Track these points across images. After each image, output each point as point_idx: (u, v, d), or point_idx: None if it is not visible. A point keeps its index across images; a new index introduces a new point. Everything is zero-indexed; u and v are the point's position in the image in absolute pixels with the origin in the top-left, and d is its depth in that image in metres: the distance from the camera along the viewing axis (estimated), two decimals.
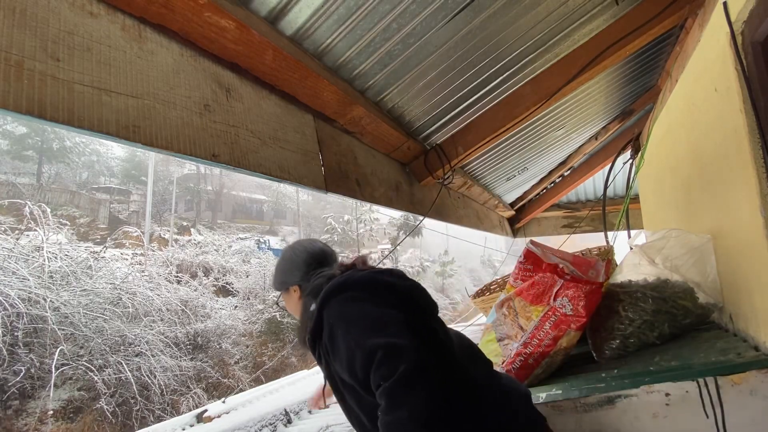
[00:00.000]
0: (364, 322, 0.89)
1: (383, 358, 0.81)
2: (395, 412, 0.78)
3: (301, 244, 1.25)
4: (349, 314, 0.92)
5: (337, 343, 0.90)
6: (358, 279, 0.98)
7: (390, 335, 0.84)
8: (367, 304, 0.93)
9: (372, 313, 0.91)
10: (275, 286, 1.26)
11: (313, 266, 1.17)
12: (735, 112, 1.16)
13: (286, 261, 1.22)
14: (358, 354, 0.84)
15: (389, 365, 0.80)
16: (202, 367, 10.04)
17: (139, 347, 8.69)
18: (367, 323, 0.88)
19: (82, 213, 18.09)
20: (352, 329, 0.88)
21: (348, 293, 0.95)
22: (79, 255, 9.45)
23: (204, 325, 10.91)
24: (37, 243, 8.81)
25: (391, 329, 0.86)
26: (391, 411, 0.79)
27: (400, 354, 0.81)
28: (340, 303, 0.94)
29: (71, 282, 8.63)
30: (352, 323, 0.90)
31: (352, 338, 0.87)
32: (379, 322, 0.88)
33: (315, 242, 1.26)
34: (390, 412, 0.79)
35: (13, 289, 7.37)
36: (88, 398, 8.01)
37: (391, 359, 0.81)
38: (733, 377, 1.08)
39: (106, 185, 22.40)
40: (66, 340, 7.83)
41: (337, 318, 0.92)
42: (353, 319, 0.90)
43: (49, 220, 9.17)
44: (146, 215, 16.12)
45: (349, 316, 0.92)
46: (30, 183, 18.14)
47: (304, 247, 1.22)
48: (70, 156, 20.18)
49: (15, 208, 12.25)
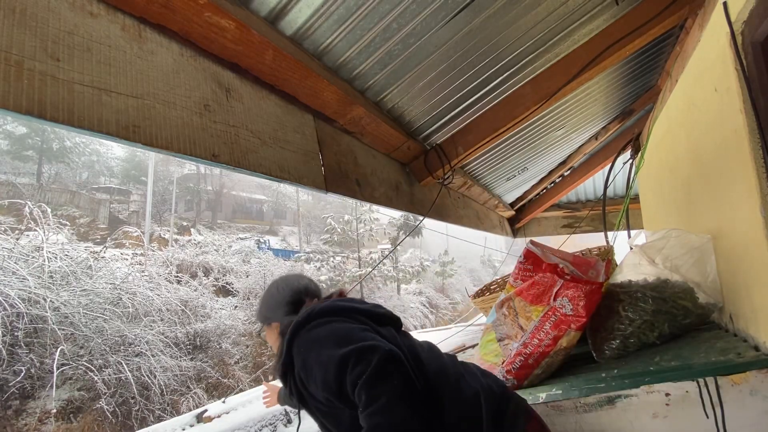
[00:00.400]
0: (333, 339, 0.94)
1: (356, 359, 0.87)
2: (375, 403, 0.82)
3: (286, 281, 1.28)
4: (317, 338, 0.97)
5: (311, 367, 0.94)
6: (320, 308, 1.05)
7: (358, 341, 0.91)
8: (333, 325, 0.99)
9: (338, 330, 0.97)
10: (259, 319, 1.29)
11: (296, 304, 1.20)
12: (735, 112, 1.16)
13: (271, 297, 1.25)
14: (331, 367, 0.89)
15: (363, 362, 0.86)
16: (202, 367, 10.03)
17: (139, 347, 8.68)
18: (336, 339, 0.94)
19: (82, 213, 18.09)
20: (322, 350, 0.94)
21: (313, 322, 1.01)
22: (79, 255, 9.44)
23: (204, 325, 10.90)
24: (37, 243, 8.80)
25: (359, 336, 0.94)
26: (371, 403, 0.82)
27: (372, 350, 0.88)
28: (307, 332, 1.00)
29: (71, 282, 8.62)
30: (321, 344, 0.95)
31: (324, 356, 0.92)
32: (347, 335, 0.95)
33: (301, 279, 1.29)
34: (370, 403, 0.83)
35: (13, 289, 7.37)
36: (88, 398, 8.00)
37: (364, 357, 0.87)
38: (733, 377, 1.08)
39: (106, 185, 22.40)
40: (66, 340, 7.83)
41: (307, 345, 0.98)
42: (322, 340, 0.96)
43: (49, 220, 9.17)
44: (146, 215, 16.12)
45: (317, 339, 0.97)
46: (30, 183, 18.14)
47: (289, 285, 1.25)
48: (70, 156, 20.18)
49: (15, 208, 12.25)
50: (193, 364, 9.83)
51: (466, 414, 0.96)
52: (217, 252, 15.40)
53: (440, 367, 1.04)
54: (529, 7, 1.46)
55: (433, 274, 22.42)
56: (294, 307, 1.19)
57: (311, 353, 0.95)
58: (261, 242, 20.37)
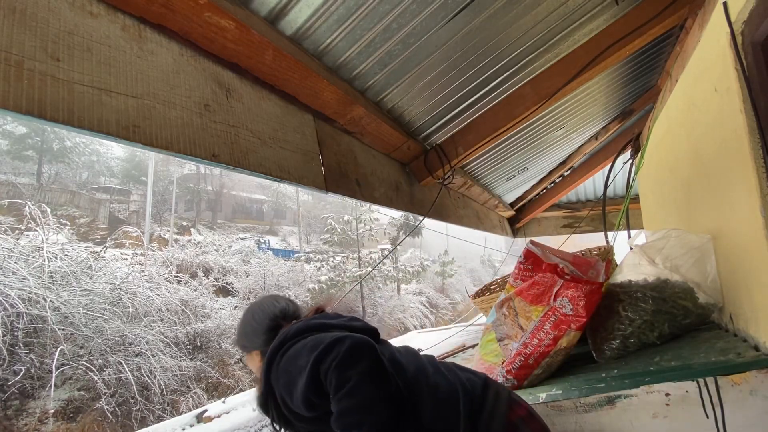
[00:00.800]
0: (306, 350, 0.95)
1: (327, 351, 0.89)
2: (344, 387, 0.83)
3: (262, 307, 1.24)
4: (291, 355, 0.98)
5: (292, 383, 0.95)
6: (294, 330, 1.05)
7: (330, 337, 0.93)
8: (305, 340, 1.00)
9: (310, 341, 0.98)
10: (238, 347, 1.28)
11: (275, 330, 1.17)
12: (735, 112, 1.16)
13: (248, 326, 1.22)
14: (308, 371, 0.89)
15: (333, 351, 0.88)
16: (202, 367, 10.03)
17: (139, 347, 8.68)
18: (308, 348, 0.95)
19: (82, 213, 18.09)
20: (298, 362, 0.95)
21: (286, 345, 1.02)
22: (79, 255, 9.44)
23: (204, 325, 10.90)
24: (37, 243, 8.80)
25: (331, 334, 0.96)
26: (340, 387, 0.84)
27: (342, 340, 0.90)
28: (281, 356, 1.01)
29: (71, 282, 8.62)
30: (296, 358, 0.96)
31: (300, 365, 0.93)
32: (320, 339, 0.95)
33: (277, 302, 1.25)
34: (339, 388, 0.84)
35: (13, 289, 7.37)
36: (88, 398, 8.00)
37: (335, 347, 0.89)
38: (733, 377, 1.08)
39: (106, 185, 22.40)
40: (66, 340, 7.82)
41: (284, 366, 0.98)
42: (296, 355, 0.97)
43: (49, 220, 9.16)
44: (146, 215, 16.12)
45: (291, 356, 0.98)
46: (30, 183, 18.14)
47: (264, 311, 1.22)
48: (70, 156, 20.18)
49: (15, 208, 12.25)
50: (193, 364, 9.83)
51: (443, 406, 0.96)
52: (217, 252, 15.41)
53: (418, 365, 1.05)
54: (529, 7, 1.46)
55: (433, 274, 22.42)
56: (273, 333, 1.16)
57: (290, 371, 0.96)
58: (261, 242, 20.38)
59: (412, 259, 23.19)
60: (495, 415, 0.96)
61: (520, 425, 0.96)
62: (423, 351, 2.65)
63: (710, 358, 1.17)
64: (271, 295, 1.33)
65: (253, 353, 1.21)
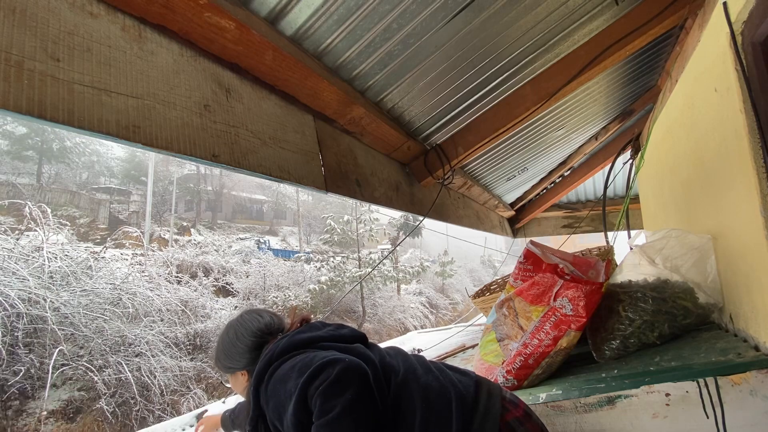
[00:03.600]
0: (296, 370, 0.91)
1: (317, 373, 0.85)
2: (327, 415, 0.80)
3: (244, 324, 1.17)
4: (281, 375, 0.94)
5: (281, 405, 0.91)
6: (280, 349, 1.01)
7: (321, 359, 0.89)
8: (295, 358, 0.96)
9: (300, 360, 0.94)
10: (220, 369, 1.21)
11: (260, 347, 1.12)
12: (735, 113, 1.16)
13: (231, 346, 1.16)
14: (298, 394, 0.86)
15: (323, 374, 0.85)
16: (202, 367, 10.02)
17: (139, 347, 8.68)
18: (299, 369, 0.91)
19: (82, 213, 18.10)
20: (288, 383, 0.90)
21: (274, 365, 0.98)
22: (79, 255, 9.44)
23: (204, 325, 10.90)
24: (37, 243, 8.80)
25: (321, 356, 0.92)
26: (322, 413, 0.81)
27: (333, 363, 0.86)
28: (270, 376, 0.97)
29: (71, 282, 8.62)
30: (286, 379, 0.92)
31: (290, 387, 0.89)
32: (309, 360, 0.92)
33: (260, 318, 1.19)
34: (322, 414, 0.81)
35: (13, 290, 7.36)
36: (88, 398, 8.00)
37: (324, 369, 0.86)
38: (733, 377, 1.07)
39: (106, 185, 22.42)
40: (66, 340, 7.82)
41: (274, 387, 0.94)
42: (286, 376, 0.92)
43: (49, 220, 9.16)
44: (146, 215, 16.12)
45: (281, 377, 0.94)
46: (30, 183, 18.14)
47: (248, 329, 1.15)
48: (70, 156, 20.20)
49: (15, 208, 12.25)
50: (193, 364, 9.83)
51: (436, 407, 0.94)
52: (217, 252, 15.41)
53: (408, 366, 1.03)
54: (529, 8, 1.46)
55: (433, 274, 22.41)
56: (258, 351, 1.11)
57: (279, 393, 0.92)
58: (261, 242, 20.37)
59: (412, 259, 23.19)
60: (488, 416, 0.94)
61: (516, 426, 0.94)
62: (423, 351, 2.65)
63: (710, 359, 1.17)
64: (251, 310, 1.26)
65: (237, 374, 1.16)
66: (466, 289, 13.13)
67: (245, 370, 1.14)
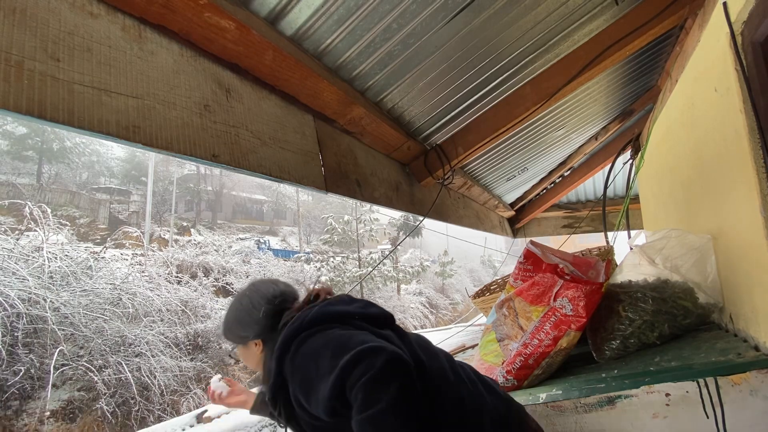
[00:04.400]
0: (332, 347, 0.86)
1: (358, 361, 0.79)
2: (370, 409, 0.75)
3: (259, 291, 1.11)
4: (314, 349, 0.88)
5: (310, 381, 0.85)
6: (311, 318, 0.95)
7: (359, 343, 0.83)
8: (328, 333, 0.90)
9: (337, 337, 0.88)
10: (230, 339, 1.13)
11: (277, 315, 1.06)
12: (735, 113, 1.16)
13: (245, 312, 1.09)
14: (333, 376, 0.80)
15: (365, 363, 0.78)
16: (202, 367, 10.03)
17: (139, 347, 8.68)
18: (335, 347, 0.85)
19: (82, 213, 18.11)
20: (321, 360, 0.85)
21: (304, 333, 0.92)
22: (79, 255, 9.45)
23: (204, 325, 10.90)
24: (37, 243, 8.80)
25: (359, 339, 0.85)
26: (366, 407, 0.75)
27: (376, 352, 0.80)
28: (299, 345, 0.91)
29: (71, 282, 8.62)
30: (319, 355, 0.86)
31: (324, 367, 0.83)
32: (347, 341, 0.86)
33: (274, 285, 1.14)
34: (365, 408, 0.75)
35: (13, 290, 7.37)
36: (88, 398, 8.00)
37: (367, 357, 0.79)
38: (733, 377, 1.08)
39: (106, 185, 22.43)
40: (66, 340, 7.83)
41: (304, 360, 0.88)
42: (319, 351, 0.87)
43: (49, 220, 9.17)
44: (146, 215, 16.12)
45: (314, 351, 0.88)
46: (30, 183, 18.15)
47: (263, 295, 1.09)
48: (70, 156, 20.22)
49: (15, 208, 12.26)
50: (193, 364, 9.84)
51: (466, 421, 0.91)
52: (217, 252, 15.41)
53: (439, 369, 0.98)
54: (529, 8, 1.46)
55: (433, 274, 22.42)
56: (275, 319, 1.05)
57: (309, 367, 0.86)
58: (261, 242, 20.38)
59: (412, 259, 23.19)
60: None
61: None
62: None
63: (710, 359, 1.17)
64: (265, 279, 1.21)
65: (250, 344, 1.09)
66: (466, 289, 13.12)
67: (260, 339, 1.08)
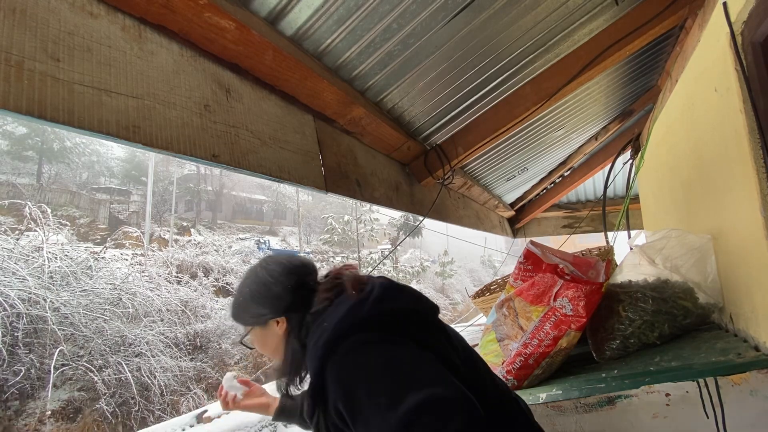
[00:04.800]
0: (391, 375, 0.69)
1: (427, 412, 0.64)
2: None
3: (279, 263, 0.96)
4: (370, 368, 0.71)
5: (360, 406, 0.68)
6: (366, 316, 0.77)
7: (430, 384, 0.67)
8: (389, 352, 0.73)
9: (398, 363, 0.71)
10: (244, 321, 0.97)
11: (302, 291, 0.92)
12: (735, 113, 1.16)
13: (264, 287, 0.93)
14: (391, 416, 0.64)
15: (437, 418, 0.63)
16: (202, 367, 10.04)
17: (139, 348, 8.69)
18: (395, 375, 0.69)
19: (82, 213, 18.11)
20: (376, 385, 0.68)
21: (355, 337, 0.75)
22: (79, 255, 9.45)
23: (204, 325, 10.91)
24: (37, 243, 8.81)
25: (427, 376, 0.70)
26: None
27: (448, 406, 0.65)
28: (350, 353, 0.74)
29: (71, 282, 8.63)
30: (376, 379, 0.69)
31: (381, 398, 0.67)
32: (411, 371, 0.70)
33: (293, 258, 0.99)
34: None
35: (13, 290, 7.37)
36: (88, 398, 8.01)
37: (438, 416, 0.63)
38: (733, 377, 1.08)
39: (106, 185, 22.43)
40: (66, 340, 7.83)
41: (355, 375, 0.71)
42: (377, 374, 0.70)
43: (49, 220, 9.17)
44: (146, 215, 16.12)
45: (369, 370, 0.71)
46: (30, 183, 18.15)
47: (285, 268, 0.94)
48: (70, 156, 20.22)
49: (15, 208, 12.25)
50: (193, 364, 9.84)
51: None
52: (217, 252, 15.42)
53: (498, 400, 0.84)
54: (529, 8, 1.46)
55: (433, 274, 22.43)
56: (300, 294, 0.91)
57: (360, 388, 0.69)
58: (261, 242, 20.38)
59: (412, 259, 23.20)
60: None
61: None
62: None
63: (710, 359, 1.17)
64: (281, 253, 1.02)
65: (270, 323, 0.92)
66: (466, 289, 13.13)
67: (284, 318, 0.91)
